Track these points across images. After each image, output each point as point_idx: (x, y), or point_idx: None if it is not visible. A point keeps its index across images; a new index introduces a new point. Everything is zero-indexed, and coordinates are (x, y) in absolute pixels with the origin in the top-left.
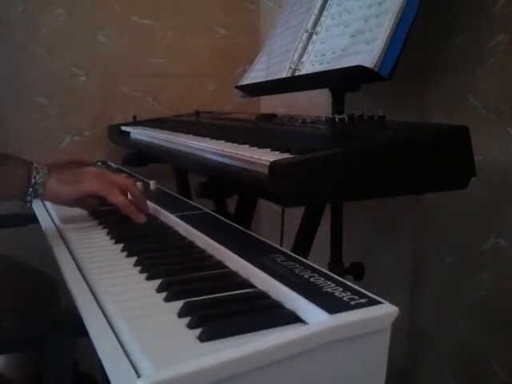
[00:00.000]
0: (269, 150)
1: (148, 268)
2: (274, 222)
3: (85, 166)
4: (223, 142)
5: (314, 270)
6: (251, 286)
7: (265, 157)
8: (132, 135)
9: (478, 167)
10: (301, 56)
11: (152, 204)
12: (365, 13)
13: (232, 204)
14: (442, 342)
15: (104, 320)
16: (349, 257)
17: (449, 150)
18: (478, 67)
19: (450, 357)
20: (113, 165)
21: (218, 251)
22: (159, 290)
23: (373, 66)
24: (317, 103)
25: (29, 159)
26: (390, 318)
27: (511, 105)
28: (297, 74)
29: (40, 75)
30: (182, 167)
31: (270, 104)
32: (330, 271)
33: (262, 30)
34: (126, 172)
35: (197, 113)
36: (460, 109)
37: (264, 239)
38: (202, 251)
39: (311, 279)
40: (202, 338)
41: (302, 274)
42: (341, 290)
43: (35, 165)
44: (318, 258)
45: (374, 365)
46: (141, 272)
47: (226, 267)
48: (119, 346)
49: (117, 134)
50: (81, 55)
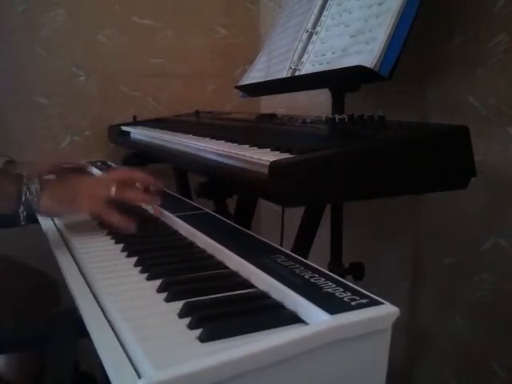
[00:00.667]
0: (269, 150)
1: (148, 268)
2: (274, 222)
3: (77, 172)
4: (223, 141)
5: (314, 270)
6: (251, 286)
7: (265, 157)
8: (132, 135)
9: (477, 167)
10: (301, 56)
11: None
12: (365, 13)
13: (232, 204)
14: (442, 341)
15: (104, 320)
16: (349, 257)
17: (449, 150)
18: (478, 67)
19: (450, 357)
20: (113, 165)
21: (218, 251)
22: (160, 290)
23: (373, 66)
24: (317, 103)
25: (28, 159)
26: (391, 318)
27: (511, 105)
28: (297, 74)
29: (40, 75)
30: (182, 167)
31: (270, 104)
32: (330, 271)
33: (262, 29)
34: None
35: (197, 113)
36: (460, 109)
37: (264, 239)
38: (203, 251)
39: (312, 279)
40: (202, 339)
41: (302, 274)
42: (341, 290)
43: (25, 180)
44: (318, 258)
45: (375, 365)
46: (141, 272)
47: (227, 267)
48: (120, 347)
49: (117, 134)
50: (81, 55)
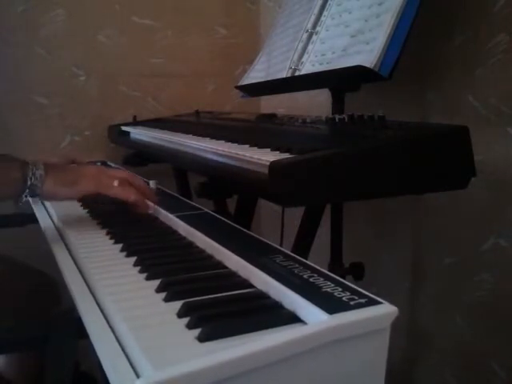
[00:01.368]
0: (269, 150)
1: (147, 268)
2: (274, 222)
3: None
4: (223, 141)
5: (313, 270)
6: (251, 286)
7: (265, 157)
8: (132, 135)
9: (477, 167)
10: (301, 56)
11: (152, 204)
12: (365, 13)
13: (232, 204)
14: (442, 341)
15: (103, 320)
16: (349, 257)
17: (449, 150)
18: (478, 67)
19: (450, 357)
20: (113, 165)
21: (217, 251)
22: (158, 290)
23: (373, 66)
24: (317, 103)
25: (29, 159)
26: (390, 317)
27: (511, 105)
28: (297, 73)
29: (40, 75)
30: (182, 167)
31: (270, 104)
32: (330, 271)
33: (262, 29)
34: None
35: (197, 113)
36: (460, 109)
37: (264, 239)
38: (202, 251)
39: (311, 279)
40: (201, 339)
41: (301, 274)
42: (340, 290)
43: (30, 166)
44: (318, 258)
45: (374, 365)
46: (140, 272)
47: (226, 267)
48: (118, 346)
49: (117, 134)
50: (81, 55)
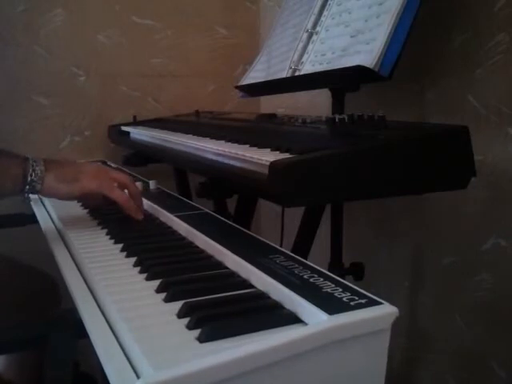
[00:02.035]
0: (269, 150)
1: (148, 268)
2: (274, 222)
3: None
4: (223, 141)
5: (313, 270)
6: (251, 286)
7: (265, 157)
8: (132, 135)
9: (477, 167)
10: (301, 56)
11: (152, 204)
12: (365, 13)
13: (232, 204)
14: (442, 341)
15: (103, 320)
16: (349, 257)
17: (449, 150)
18: (478, 67)
19: (449, 357)
20: (113, 165)
21: (217, 251)
22: (159, 290)
23: (373, 66)
24: (317, 103)
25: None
26: (390, 318)
27: (511, 105)
28: (297, 74)
29: (40, 75)
30: (182, 167)
31: (270, 104)
32: (330, 271)
33: (262, 29)
34: (125, 172)
35: (197, 113)
36: (460, 109)
37: (264, 239)
38: (202, 251)
39: (311, 280)
40: (201, 339)
41: (301, 274)
42: (340, 290)
43: (31, 161)
44: (318, 258)
45: (374, 365)
46: (140, 272)
47: (226, 267)
48: (118, 347)
49: (117, 134)
50: (81, 55)
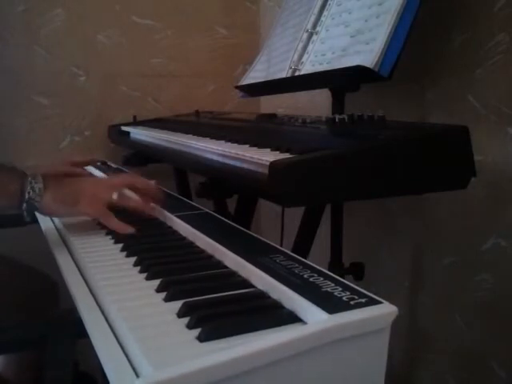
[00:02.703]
0: (269, 150)
1: (148, 268)
2: (274, 222)
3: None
4: (223, 142)
5: (313, 269)
6: (251, 285)
7: (265, 157)
8: (132, 135)
9: (477, 167)
10: (301, 56)
11: (152, 204)
12: (365, 13)
13: (232, 204)
14: (442, 341)
15: (103, 320)
16: (349, 257)
17: (449, 150)
18: (478, 67)
19: (449, 357)
20: (113, 165)
21: (217, 251)
22: (159, 289)
23: (373, 66)
24: (317, 103)
25: (28, 159)
26: (390, 317)
27: (511, 105)
28: (297, 74)
29: (40, 75)
30: (182, 167)
31: (270, 104)
32: (330, 271)
33: (262, 29)
34: (125, 172)
35: (197, 113)
36: (460, 109)
37: (264, 239)
38: (202, 251)
39: (311, 279)
40: (201, 338)
41: (301, 273)
42: (340, 289)
43: (29, 178)
44: (318, 258)
45: (374, 365)
46: (140, 272)
47: (226, 267)
48: (118, 346)
49: (117, 134)
50: (81, 55)
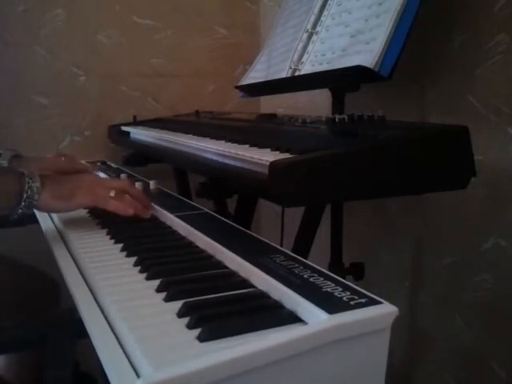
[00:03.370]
0: (269, 150)
1: (147, 268)
2: (274, 222)
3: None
4: (223, 142)
5: (313, 269)
6: (251, 285)
7: (265, 157)
8: (132, 135)
9: (477, 167)
10: (301, 56)
11: (152, 204)
12: (365, 13)
13: (232, 204)
14: (442, 341)
15: (103, 320)
16: (349, 257)
17: (449, 150)
18: (478, 67)
19: (449, 357)
20: (113, 165)
21: (217, 251)
22: (159, 289)
23: (373, 66)
24: (317, 103)
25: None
26: (390, 317)
27: (511, 105)
28: (297, 74)
29: (40, 75)
30: (182, 167)
31: (270, 104)
32: (330, 271)
33: (262, 29)
34: (125, 172)
35: (197, 113)
36: (460, 109)
37: (263, 239)
38: (202, 251)
39: (311, 279)
40: (201, 338)
41: (301, 273)
42: (340, 289)
43: (27, 178)
44: (318, 258)
45: (374, 365)
46: (140, 272)
47: (226, 267)
48: (119, 346)
49: (117, 134)
50: (81, 55)
